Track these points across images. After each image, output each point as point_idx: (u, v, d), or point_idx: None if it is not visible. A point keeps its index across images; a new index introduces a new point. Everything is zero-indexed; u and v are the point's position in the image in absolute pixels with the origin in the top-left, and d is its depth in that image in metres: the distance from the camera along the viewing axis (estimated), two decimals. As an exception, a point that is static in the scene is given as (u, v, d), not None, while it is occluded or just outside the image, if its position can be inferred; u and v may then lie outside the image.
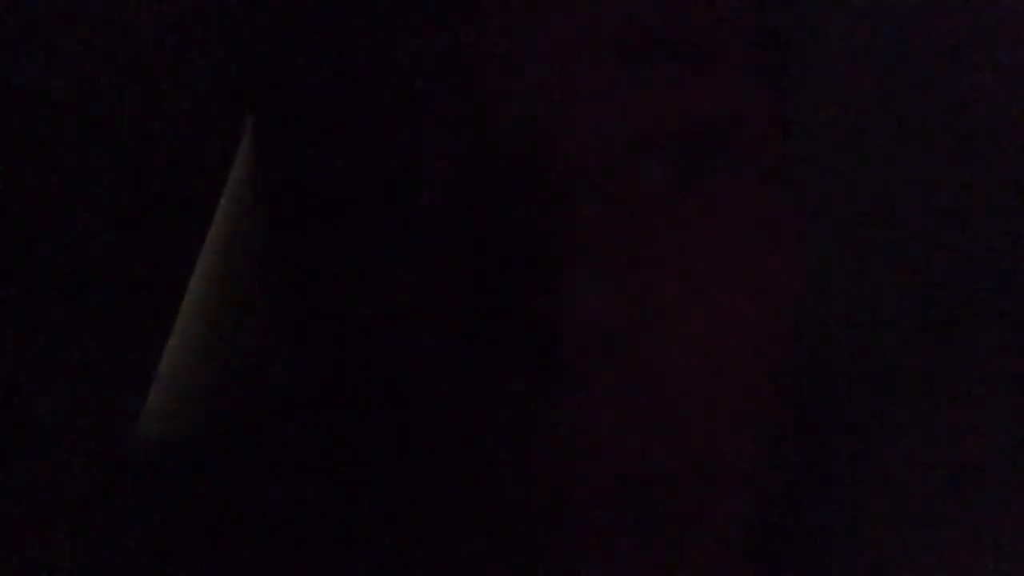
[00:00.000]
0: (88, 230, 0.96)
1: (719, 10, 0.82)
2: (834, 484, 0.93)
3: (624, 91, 0.77)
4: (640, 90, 0.77)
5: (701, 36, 0.81)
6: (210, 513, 0.91)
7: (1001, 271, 0.98)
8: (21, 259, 0.95)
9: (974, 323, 0.98)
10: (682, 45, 0.79)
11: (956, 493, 0.95)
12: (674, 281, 0.77)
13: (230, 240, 0.92)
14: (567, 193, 0.75)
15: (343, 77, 0.79)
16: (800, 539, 0.91)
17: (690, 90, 0.79)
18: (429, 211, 0.77)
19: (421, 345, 0.78)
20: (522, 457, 0.77)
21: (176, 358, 0.92)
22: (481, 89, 0.76)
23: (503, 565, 0.79)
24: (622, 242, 0.76)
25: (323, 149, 0.81)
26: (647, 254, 0.77)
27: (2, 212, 0.96)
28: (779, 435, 0.88)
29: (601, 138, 0.76)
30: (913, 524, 0.94)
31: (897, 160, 1.00)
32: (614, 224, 0.76)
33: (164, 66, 0.97)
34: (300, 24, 0.82)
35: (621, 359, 0.76)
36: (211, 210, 0.92)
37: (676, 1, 0.79)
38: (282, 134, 0.85)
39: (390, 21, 0.77)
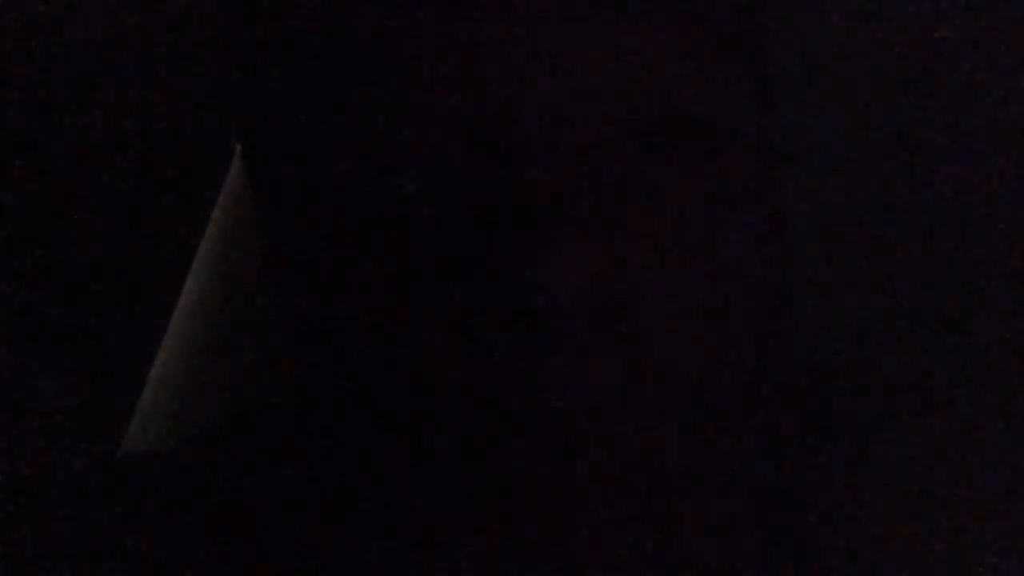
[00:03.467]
0: (82, 233, 0.96)
1: (719, 11, 0.83)
2: (834, 484, 0.93)
3: (621, 89, 0.77)
4: (636, 88, 0.78)
5: (700, 37, 0.81)
6: (203, 518, 0.91)
7: (1001, 271, 0.98)
8: (15, 261, 0.95)
9: (974, 323, 0.98)
10: (681, 47, 0.79)
11: (956, 493, 0.95)
12: (669, 276, 0.77)
13: (223, 245, 0.92)
14: (564, 188, 0.75)
15: (329, 73, 0.80)
16: (800, 539, 0.91)
17: (687, 90, 0.79)
18: (417, 197, 0.77)
19: (421, 343, 0.78)
20: (523, 453, 0.77)
21: (168, 363, 0.92)
22: (475, 85, 0.76)
23: (503, 561, 0.79)
24: (618, 237, 0.77)
25: (313, 143, 0.81)
26: (643, 248, 0.77)
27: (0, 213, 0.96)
28: (779, 435, 0.88)
29: (596, 135, 0.76)
30: (913, 524, 0.94)
31: (897, 160, 1.00)
32: (609, 218, 0.77)
33: (160, 67, 0.97)
34: (294, 24, 0.82)
35: (619, 352, 0.76)
36: (204, 215, 0.92)
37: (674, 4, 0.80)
38: (275, 134, 0.85)
39: (384, 21, 0.78)
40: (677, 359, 0.79)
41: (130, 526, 0.91)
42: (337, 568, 0.86)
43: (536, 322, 0.76)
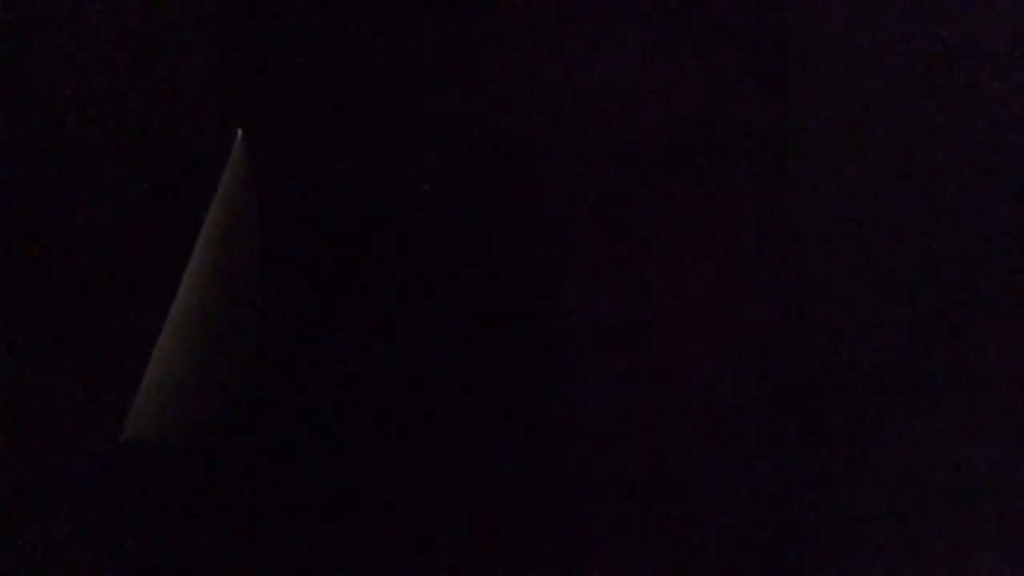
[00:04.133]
0: (81, 231, 0.96)
1: (719, 11, 0.83)
2: (834, 484, 0.93)
3: (622, 89, 0.77)
4: (638, 88, 0.78)
5: (700, 38, 0.81)
6: (203, 518, 0.91)
7: (1001, 271, 0.98)
8: (13, 258, 0.95)
9: (974, 323, 0.98)
10: (681, 47, 0.80)
11: (956, 493, 0.95)
12: (669, 276, 0.77)
13: (221, 241, 0.92)
14: (565, 188, 0.75)
15: (336, 74, 0.80)
16: (800, 539, 0.91)
17: (687, 90, 0.80)
18: (426, 206, 0.77)
19: (421, 342, 0.78)
20: (524, 453, 0.77)
21: (165, 358, 0.92)
22: (476, 86, 0.76)
23: (503, 562, 0.79)
24: (619, 236, 0.77)
25: (318, 147, 0.81)
26: (643, 248, 0.77)
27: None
28: (779, 435, 0.88)
29: (598, 135, 0.76)
30: (913, 524, 0.94)
31: (897, 160, 1.00)
32: (610, 218, 0.77)
33: (160, 67, 0.97)
34: (294, 25, 0.82)
35: (619, 351, 0.76)
36: (201, 212, 0.92)
37: (674, 4, 0.80)
38: (276, 134, 0.86)
39: (384, 21, 0.78)
40: (677, 359, 0.79)
41: (130, 526, 0.91)
42: (337, 568, 0.86)
43: (537, 322, 0.76)
